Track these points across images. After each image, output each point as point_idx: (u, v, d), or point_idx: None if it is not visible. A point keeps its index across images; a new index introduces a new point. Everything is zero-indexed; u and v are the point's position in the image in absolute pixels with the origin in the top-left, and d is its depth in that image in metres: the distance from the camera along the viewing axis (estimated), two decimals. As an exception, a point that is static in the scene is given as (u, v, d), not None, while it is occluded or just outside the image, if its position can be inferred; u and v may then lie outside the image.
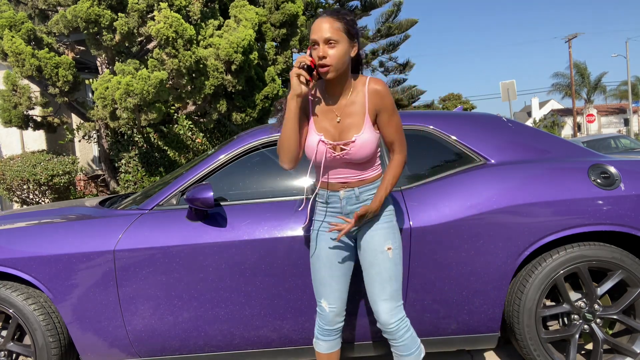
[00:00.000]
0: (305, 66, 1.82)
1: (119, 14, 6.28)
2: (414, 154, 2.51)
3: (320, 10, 15.98)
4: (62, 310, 2.41)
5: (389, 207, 1.99)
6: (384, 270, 1.93)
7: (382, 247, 1.93)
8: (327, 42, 1.80)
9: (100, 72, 7.37)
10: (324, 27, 1.79)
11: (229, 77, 7.19)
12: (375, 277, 1.93)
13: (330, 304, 2.04)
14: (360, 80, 1.94)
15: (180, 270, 2.35)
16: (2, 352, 2.54)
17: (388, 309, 1.93)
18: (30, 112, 7.73)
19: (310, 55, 1.85)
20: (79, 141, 9.36)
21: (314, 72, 1.85)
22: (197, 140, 8.36)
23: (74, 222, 2.48)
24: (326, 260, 2.02)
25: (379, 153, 2.00)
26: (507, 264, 2.32)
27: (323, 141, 1.91)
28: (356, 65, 1.98)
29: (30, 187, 7.50)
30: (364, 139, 1.87)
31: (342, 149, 1.90)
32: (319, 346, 2.10)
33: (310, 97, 1.98)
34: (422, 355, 2.01)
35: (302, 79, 1.83)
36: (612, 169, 2.38)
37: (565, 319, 2.45)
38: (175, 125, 8.07)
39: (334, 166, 1.95)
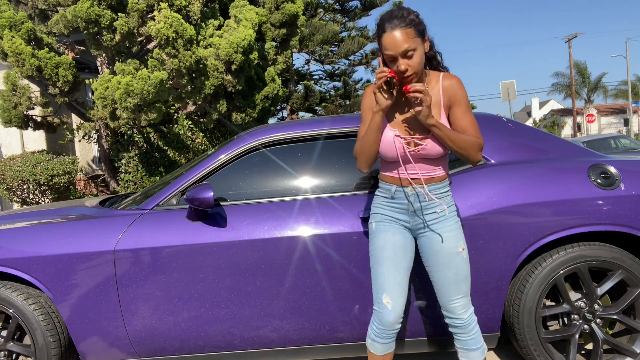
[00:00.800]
0: (388, 79, 1.79)
1: (119, 14, 6.28)
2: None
3: (322, 12, 15.98)
4: (62, 310, 2.41)
5: (454, 209, 1.98)
6: (461, 271, 1.94)
7: (456, 249, 1.93)
8: (405, 54, 1.77)
9: (100, 72, 7.37)
10: (399, 40, 1.75)
11: (229, 77, 7.19)
12: (452, 278, 1.93)
13: (392, 299, 1.94)
14: (433, 76, 1.92)
15: (180, 270, 2.35)
16: (2, 352, 2.54)
17: (462, 305, 1.95)
18: (30, 112, 7.73)
19: (386, 65, 1.83)
20: (79, 141, 9.36)
21: (395, 82, 1.82)
22: (197, 140, 8.35)
23: (74, 222, 2.48)
24: (392, 252, 1.97)
25: (448, 152, 1.95)
26: (507, 264, 2.32)
27: (398, 136, 1.90)
28: (428, 59, 1.95)
29: (30, 187, 7.50)
30: None
31: (416, 144, 1.89)
32: (375, 348, 2.02)
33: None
34: (486, 351, 2.02)
35: (384, 94, 1.81)
36: (612, 169, 2.38)
37: (565, 319, 2.45)
38: (175, 125, 8.07)
39: (407, 162, 1.93)
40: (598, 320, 2.37)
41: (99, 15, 6.10)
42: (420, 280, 2.34)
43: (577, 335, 2.37)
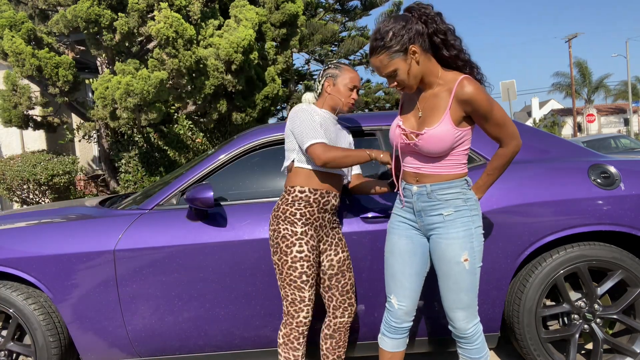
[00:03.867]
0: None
1: (119, 13, 6.29)
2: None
3: (322, 12, 15.98)
4: (62, 310, 2.41)
5: (466, 213, 1.87)
6: (461, 282, 1.86)
7: (458, 258, 1.85)
8: (388, 77, 1.86)
9: (100, 72, 7.37)
10: (377, 69, 1.85)
11: (229, 77, 7.19)
12: (452, 287, 1.88)
13: (399, 301, 1.96)
14: (452, 76, 1.84)
15: (180, 270, 2.35)
16: (2, 352, 2.54)
17: (464, 316, 1.89)
18: (30, 112, 7.73)
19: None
20: (79, 141, 9.35)
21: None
22: (197, 140, 8.35)
23: (74, 222, 2.48)
24: (399, 256, 1.97)
25: (464, 152, 1.88)
26: (507, 264, 2.32)
27: (399, 125, 1.93)
28: (444, 60, 1.87)
29: (30, 187, 7.50)
30: (434, 133, 1.81)
31: (411, 138, 1.88)
32: (384, 343, 2.03)
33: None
34: (489, 358, 1.97)
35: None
36: (612, 169, 2.38)
37: (565, 319, 2.45)
38: (175, 125, 8.07)
39: (407, 154, 1.94)
40: (598, 320, 2.37)
41: (99, 15, 6.10)
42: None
43: (577, 335, 2.37)
